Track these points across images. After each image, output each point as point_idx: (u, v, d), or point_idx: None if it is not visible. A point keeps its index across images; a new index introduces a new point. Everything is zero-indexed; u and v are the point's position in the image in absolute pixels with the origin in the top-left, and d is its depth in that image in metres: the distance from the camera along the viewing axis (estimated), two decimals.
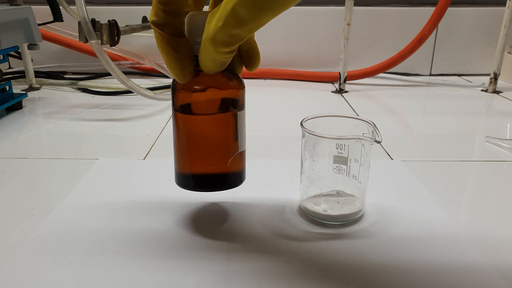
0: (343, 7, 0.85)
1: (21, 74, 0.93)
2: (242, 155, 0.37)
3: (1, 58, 0.70)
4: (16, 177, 0.49)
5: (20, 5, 0.74)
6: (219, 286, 0.31)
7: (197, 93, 0.34)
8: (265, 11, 0.25)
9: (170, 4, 0.30)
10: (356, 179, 0.38)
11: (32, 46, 0.75)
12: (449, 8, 0.91)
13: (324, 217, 0.39)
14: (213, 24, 0.28)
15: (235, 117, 0.35)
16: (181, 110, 0.35)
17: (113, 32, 0.68)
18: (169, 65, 0.32)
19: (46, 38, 0.96)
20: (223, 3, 0.27)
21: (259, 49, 0.34)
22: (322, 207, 0.39)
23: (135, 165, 0.52)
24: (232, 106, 0.35)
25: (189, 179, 0.37)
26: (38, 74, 0.94)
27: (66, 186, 0.46)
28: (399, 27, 1.03)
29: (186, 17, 0.33)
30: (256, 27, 0.27)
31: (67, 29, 0.95)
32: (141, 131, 0.65)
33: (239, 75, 0.36)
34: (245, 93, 0.36)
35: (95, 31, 0.66)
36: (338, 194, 0.40)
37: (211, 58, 0.30)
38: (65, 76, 1.00)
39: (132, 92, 0.82)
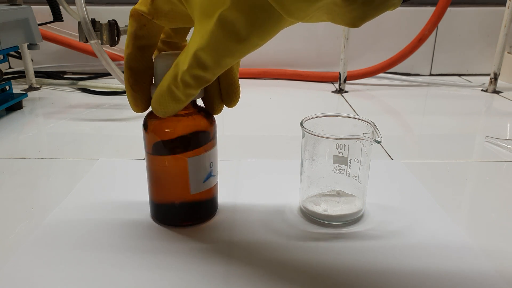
0: None
1: (21, 74, 0.93)
2: (211, 190, 0.38)
3: (1, 58, 0.70)
4: (16, 177, 0.49)
5: (20, 5, 0.74)
6: (219, 287, 0.31)
7: (160, 133, 0.36)
8: (226, 57, 0.25)
9: (140, 39, 0.31)
10: (356, 179, 0.38)
11: (32, 46, 0.75)
12: (449, 8, 0.91)
13: (324, 217, 0.39)
14: (179, 66, 0.28)
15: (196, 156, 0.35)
16: (148, 147, 0.37)
17: (113, 32, 0.68)
18: (127, 97, 0.34)
19: (46, 38, 0.96)
20: (187, 45, 0.27)
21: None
22: (322, 207, 0.39)
23: (135, 165, 0.52)
24: (197, 143, 0.35)
25: (157, 213, 0.39)
26: (38, 74, 0.94)
27: (66, 186, 0.46)
28: (399, 27, 1.03)
29: (154, 58, 0.33)
30: (219, 71, 0.27)
31: (67, 29, 0.95)
32: (141, 131, 0.65)
33: (211, 112, 0.36)
34: (215, 127, 0.36)
35: (95, 31, 0.66)
36: (338, 194, 0.40)
37: (174, 98, 0.29)
38: (65, 76, 1.00)
39: None
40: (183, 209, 0.37)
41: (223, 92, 0.34)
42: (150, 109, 0.35)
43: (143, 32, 0.30)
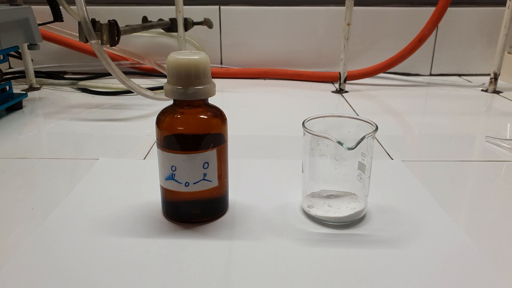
0: (343, 7, 0.85)
1: (21, 74, 0.93)
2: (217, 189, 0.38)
3: (1, 58, 0.70)
4: (16, 177, 0.49)
5: (20, 5, 0.74)
6: (219, 286, 0.31)
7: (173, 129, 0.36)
8: None
9: None
10: (357, 180, 0.38)
11: (32, 46, 0.75)
12: (449, 8, 0.91)
13: (325, 217, 0.39)
14: None
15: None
16: (159, 143, 0.37)
17: (113, 32, 0.68)
18: None
19: (46, 38, 0.96)
20: None
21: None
22: (323, 208, 0.39)
23: (135, 165, 0.52)
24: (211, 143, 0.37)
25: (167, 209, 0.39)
26: (38, 74, 0.94)
27: (66, 186, 0.46)
28: (399, 27, 1.03)
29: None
30: None
31: (67, 29, 0.95)
32: (141, 131, 0.65)
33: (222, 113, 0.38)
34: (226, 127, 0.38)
35: (95, 31, 0.66)
36: (339, 194, 0.40)
37: None
38: (65, 76, 1.00)
39: (132, 92, 0.82)
40: (181, 206, 0.38)
41: None
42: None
43: None
